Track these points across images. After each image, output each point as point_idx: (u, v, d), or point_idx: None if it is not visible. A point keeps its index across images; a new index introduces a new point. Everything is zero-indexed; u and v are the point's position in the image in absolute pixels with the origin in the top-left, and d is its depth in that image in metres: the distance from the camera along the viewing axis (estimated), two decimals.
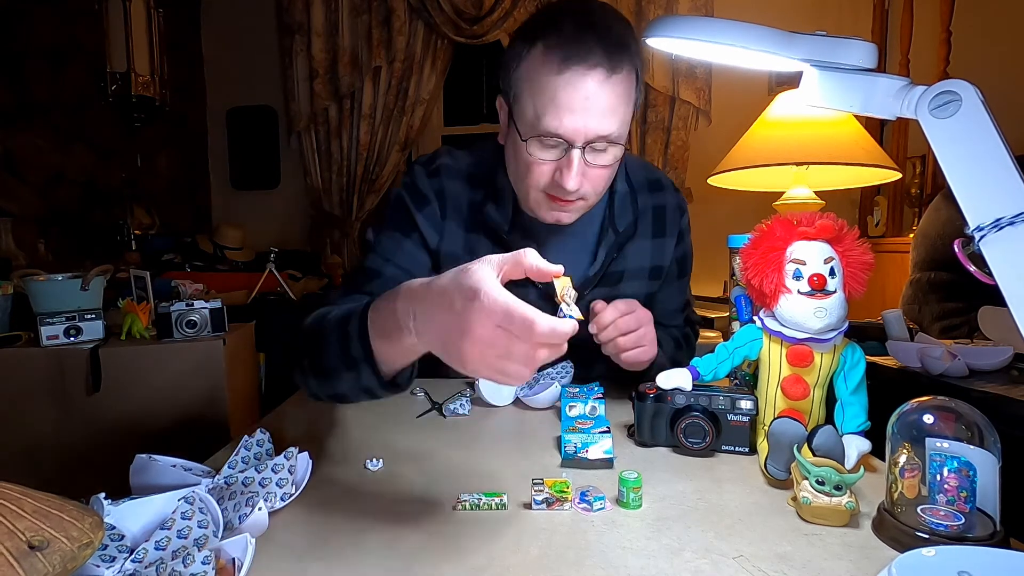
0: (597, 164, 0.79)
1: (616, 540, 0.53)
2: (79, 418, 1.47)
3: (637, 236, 0.97)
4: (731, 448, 0.72)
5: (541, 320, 0.47)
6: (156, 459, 0.59)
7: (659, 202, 1.00)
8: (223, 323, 1.57)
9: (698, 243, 1.13)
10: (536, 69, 0.76)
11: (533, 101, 0.76)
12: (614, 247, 0.94)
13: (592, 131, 0.75)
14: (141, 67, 2.35)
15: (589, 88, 0.74)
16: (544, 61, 0.75)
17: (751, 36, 0.52)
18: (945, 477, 0.50)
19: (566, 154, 0.77)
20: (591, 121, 0.75)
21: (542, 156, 0.78)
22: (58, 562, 0.36)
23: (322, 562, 0.50)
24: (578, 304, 0.57)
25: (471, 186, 0.93)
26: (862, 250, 0.66)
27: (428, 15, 2.93)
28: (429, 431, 0.82)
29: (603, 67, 0.74)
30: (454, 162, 0.95)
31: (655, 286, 1.02)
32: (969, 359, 1.02)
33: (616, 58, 0.74)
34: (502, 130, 0.87)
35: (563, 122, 0.75)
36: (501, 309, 0.47)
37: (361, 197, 3.13)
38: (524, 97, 0.78)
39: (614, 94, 0.75)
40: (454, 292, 0.50)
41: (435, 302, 0.52)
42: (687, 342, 1.10)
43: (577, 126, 0.75)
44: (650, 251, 0.99)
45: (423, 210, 0.92)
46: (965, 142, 0.46)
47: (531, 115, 0.77)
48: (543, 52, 0.75)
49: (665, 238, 1.00)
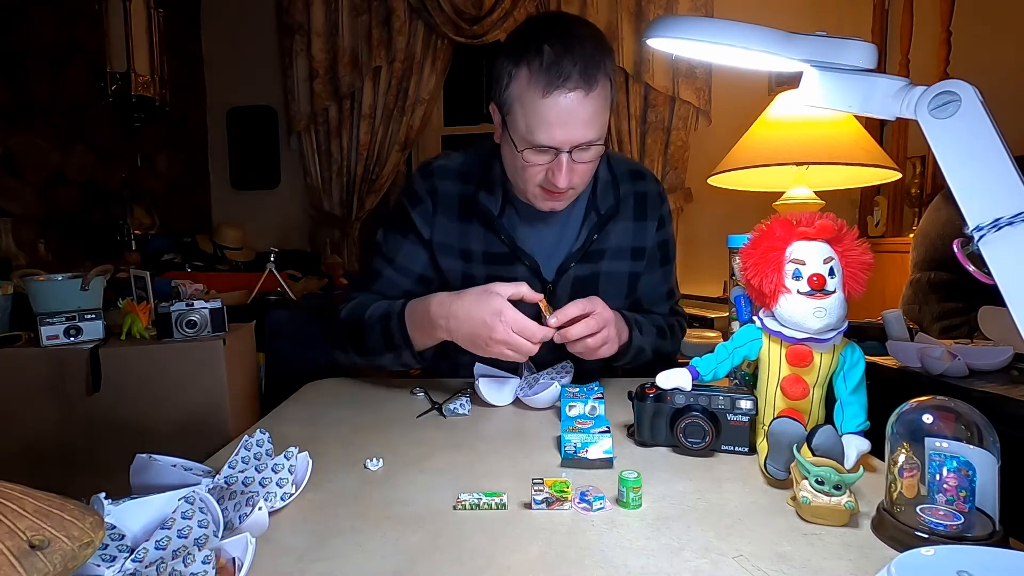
0: (582, 161, 0.90)
1: (616, 540, 0.53)
2: (79, 418, 1.47)
3: (619, 218, 1.06)
4: (731, 448, 0.72)
5: (538, 330, 0.86)
6: (156, 459, 0.59)
7: (640, 189, 1.09)
8: (223, 323, 1.57)
9: (698, 243, 1.14)
10: (523, 91, 0.87)
11: (524, 118, 0.88)
12: (596, 227, 1.04)
13: (577, 139, 0.87)
14: (141, 67, 2.35)
15: (571, 106, 0.85)
16: (529, 85, 0.86)
17: (751, 36, 0.52)
18: (944, 477, 0.50)
19: (556, 157, 0.88)
20: (575, 132, 0.86)
21: (535, 160, 0.90)
22: (59, 561, 0.36)
23: (322, 562, 0.50)
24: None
25: (463, 182, 1.04)
26: (862, 250, 0.66)
27: (428, 15, 2.93)
28: (429, 431, 0.82)
29: (581, 88, 0.85)
30: (447, 162, 1.07)
31: (638, 267, 1.09)
32: (969, 359, 1.02)
33: (591, 77, 0.85)
34: (497, 131, 0.97)
35: (552, 135, 0.86)
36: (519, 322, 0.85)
37: (361, 197, 3.13)
38: (516, 113, 0.89)
39: (592, 107, 0.86)
40: (484, 310, 0.86)
41: (466, 315, 0.87)
42: (671, 332, 1.13)
43: (564, 137, 0.86)
44: (632, 232, 1.07)
45: (416, 208, 1.05)
46: (964, 142, 0.47)
47: (523, 129, 0.88)
48: (528, 77, 0.86)
49: (646, 221, 1.09)
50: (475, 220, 1.03)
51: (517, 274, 1.01)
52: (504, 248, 1.01)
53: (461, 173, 1.04)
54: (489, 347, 0.86)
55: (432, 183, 1.04)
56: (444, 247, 1.04)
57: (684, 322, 1.20)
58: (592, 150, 0.90)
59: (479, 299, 0.87)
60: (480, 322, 0.85)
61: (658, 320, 1.11)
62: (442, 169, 1.05)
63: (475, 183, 1.03)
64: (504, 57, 0.90)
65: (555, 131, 0.86)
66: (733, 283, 0.91)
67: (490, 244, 1.02)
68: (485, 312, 0.85)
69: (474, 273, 1.03)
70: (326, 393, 1.02)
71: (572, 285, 1.04)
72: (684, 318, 1.21)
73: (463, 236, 1.03)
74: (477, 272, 1.03)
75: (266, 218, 3.28)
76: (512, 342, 0.84)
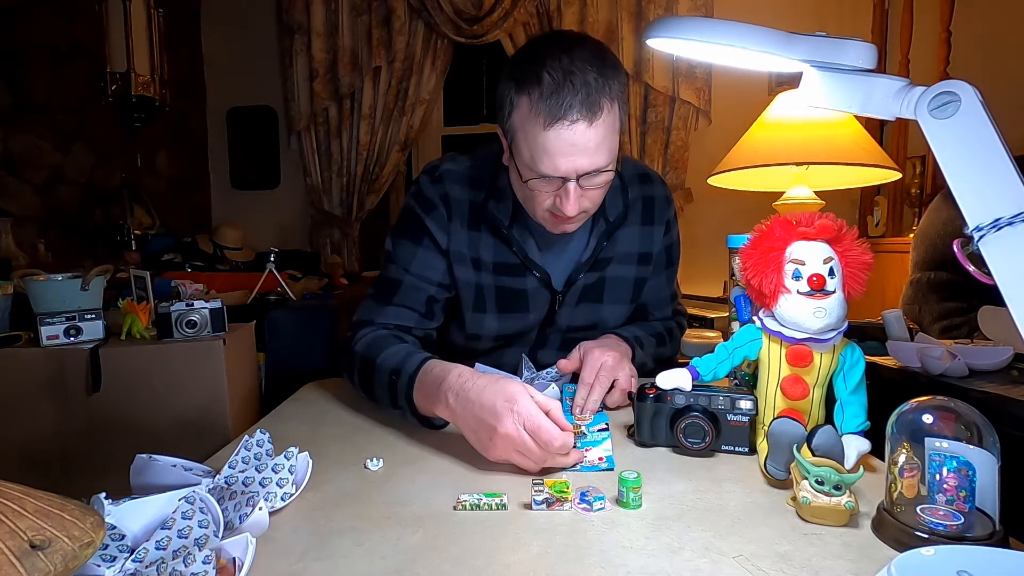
0: (591, 187, 0.86)
1: (616, 540, 0.53)
2: (79, 418, 1.47)
3: (627, 223, 1.04)
4: (731, 448, 0.72)
5: (557, 435, 0.66)
6: (156, 459, 0.59)
7: (648, 193, 1.06)
8: (223, 323, 1.57)
9: (698, 243, 1.14)
10: (525, 122, 0.84)
11: (528, 148, 0.84)
12: (604, 234, 1.01)
13: (583, 168, 0.83)
14: (141, 67, 2.34)
15: (574, 138, 0.81)
16: (531, 117, 0.83)
17: (751, 37, 0.52)
18: (944, 477, 0.50)
19: (563, 185, 0.85)
20: (580, 162, 0.83)
21: (542, 188, 0.87)
22: (59, 561, 0.36)
23: (322, 562, 0.50)
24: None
25: (472, 188, 0.99)
26: (861, 250, 0.66)
27: (428, 15, 2.93)
28: (429, 431, 0.82)
29: (583, 119, 0.81)
30: (456, 167, 1.01)
31: (645, 271, 1.07)
32: (969, 359, 1.02)
33: (594, 106, 0.81)
34: (505, 155, 0.93)
35: (556, 166, 0.83)
36: (533, 419, 0.66)
37: (361, 197, 3.13)
38: (520, 143, 0.86)
39: (597, 136, 0.82)
40: (497, 395, 0.69)
41: (477, 395, 0.71)
42: (670, 336, 1.12)
43: (569, 168, 0.83)
44: (639, 237, 1.05)
45: (431, 215, 0.98)
46: (964, 142, 0.47)
47: (528, 158, 0.85)
48: (529, 106, 0.83)
49: (654, 226, 1.06)
50: (485, 229, 0.99)
51: (527, 285, 1.00)
52: (515, 259, 0.98)
53: (471, 179, 1.00)
54: (493, 444, 0.68)
55: (443, 188, 0.99)
56: (459, 256, 0.99)
57: (684, 321, 1.19)
58: (601, 176, 0.86)
59: (497, 381, 0.71)
60: (489, 408, 0.68)
61: (657, 327, 1.09)
62: (451, 174, 1.00)
63: (485, 190, 0.99)
64: (506, 81, 0.87)
65: (559, 162, 0.82)
66: (733, 283, 0.91)
67: (500, 254, 0.99)
68: (498, 397, 0.68)
69: (483, 283, 1.00)
70: (326, 393, 1.02)
71: (580, 294, 1.02)
72: (684, 316, 1.20)
73: (473, 244, 0.99)
74: (486, 282, 1.00)
75: (266, 218, 3.28)
76: (520, 441, 0.66)
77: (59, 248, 2.42)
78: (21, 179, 2.38)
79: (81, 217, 2.59)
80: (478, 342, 1.04)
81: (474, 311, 1.01)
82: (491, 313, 1.01)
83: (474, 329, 1.02)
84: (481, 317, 1.01)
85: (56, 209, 2.49)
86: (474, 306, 1.00)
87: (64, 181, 2.53)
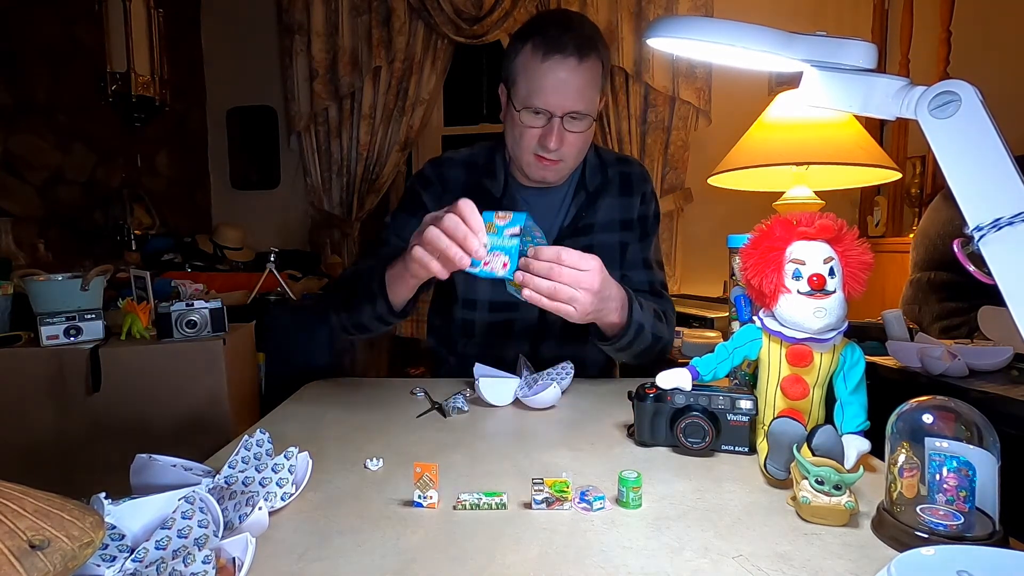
0: (572, 130, 1.03)
1: (616, 539, 0.53)
2: (79, 418, 1.47)
3: (607, 194, 1.16)
4: (731, 448, 0.72)
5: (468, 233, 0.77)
6: (156, 459, 0.59)
7: (626, 170, 1.19)
8: (223, 323, 1.57)
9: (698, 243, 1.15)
10: (526, 61, 1.02)
11: (525, 84, 1.02)
12: (585, 203, 1.14)
13: (568, 106, 1.00)
14: (141, 67, 2.34)
15: (565, 74, 0.99)
16: (532, 55, 1.01)
17: (751, 36, 0.52)
18: (944, 477, 0.50)
19: (549, 122, 1.01)
20: (567, 99, 1.00)
21: (531, 123, 1.03)
22: (59, 561, 0.36)
23: (322, 562, 0.50)
24: None
25: (468, 171, 1.17)
26: (862, 250, 0.66)
27: (428, 15, 2.93)
28: (429, 431, 0.82)
29: (574, 56, 0.99)
30: (455, 155, 1.20)
31: (628, 237, 1.17)
32: (969, 359, 1.02)
33: (584, 50, 0.99)
34: (503, 110, 1.09)
35: (546, 99, 1.00)
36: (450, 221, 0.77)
37: (361, 197, 3.13)
38: (519, 81, 1.04)
39: (583, 78, 1.00)
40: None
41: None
42: (665, 317, 1.10)
43: (556, 102, 1.00)
44: (619, 206, 1.17)
45: (428, 190, 1.15)
46: (964, 142, 0.47)
47: (523, 94, 1.02)
48: (531, 48, 1.01)
49: (632, 197, 1.18)
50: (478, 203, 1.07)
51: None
52: None
53: (467, 163, 1.17)
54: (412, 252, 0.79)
55: (441, 170, 1.16)
56: None
57: (671, 309, 1.15)
58: (583, 121, 1.02)
59: None
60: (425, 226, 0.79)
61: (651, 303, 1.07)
62: (450, 160, 1.18)
63: (479, 172, 1.15)
64: (513, 38, 1.06)
65: (549, 95, 0.99)
66: (733, 283, 0.91)
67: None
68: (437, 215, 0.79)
69: None
70: (326, 393, 1.02)
71: None
72: (670, 304, 1.16)
73: None
74: None
75: (266, 218, 3.28)
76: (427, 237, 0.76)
77: (59, 248, 2.42)
78: (21, 179, 2.37)
79: (81, 217, 2.59)
80: (474, 311, 1.15)
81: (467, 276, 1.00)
82: None
83: (469, 294, 1.15)
84: (474, 280, 1.03)
85: (56, 209, 2.48)
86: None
87: (64, 181, 2.53)
